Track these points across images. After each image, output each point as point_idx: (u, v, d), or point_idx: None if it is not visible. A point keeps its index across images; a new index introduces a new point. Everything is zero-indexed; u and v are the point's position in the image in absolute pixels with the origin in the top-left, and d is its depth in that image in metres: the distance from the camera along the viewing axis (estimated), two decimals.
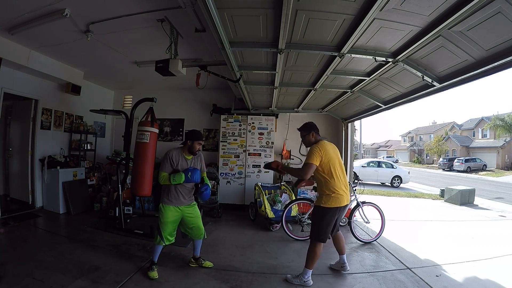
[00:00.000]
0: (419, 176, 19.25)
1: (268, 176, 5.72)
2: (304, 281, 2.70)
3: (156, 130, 4.03)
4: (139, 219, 4.66)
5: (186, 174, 2.70)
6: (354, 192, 4.24)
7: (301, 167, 2.68)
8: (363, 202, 4.13)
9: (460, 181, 15.36)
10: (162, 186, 2.85)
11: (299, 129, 2.95)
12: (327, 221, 2.68)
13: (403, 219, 5.95)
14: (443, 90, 2.96)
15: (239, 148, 5.80)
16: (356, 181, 4.75)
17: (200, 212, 4.48)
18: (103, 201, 5.23)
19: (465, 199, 8.00)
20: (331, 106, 5.06)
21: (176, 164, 2.77)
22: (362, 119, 7.64)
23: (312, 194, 5.08)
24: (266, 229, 4.49)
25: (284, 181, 5.53)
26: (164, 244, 2.80)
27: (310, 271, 2.72)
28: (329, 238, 2.80)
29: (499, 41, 2.02)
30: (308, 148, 2.78)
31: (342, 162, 2.82)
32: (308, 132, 2.86)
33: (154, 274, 2.75)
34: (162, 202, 2.83)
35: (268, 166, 2.87)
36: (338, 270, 3.04)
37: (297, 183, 2.98)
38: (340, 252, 3.04)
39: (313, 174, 2.73)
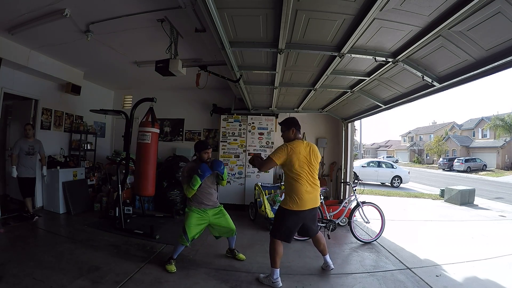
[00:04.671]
0: (419, 176, 19.25)
1: (268, 176, 5.72)
2: (273, 282, 2.63)
3: (157, 130, 4.05)
4: (139, 219, 4.67)
5: (196, 173, 2.83)
6: (354, 192, 4.25)
7: (261, 162, 2.74)
8: (363, 202, 4.13)
9: (460, 181, 15.36)
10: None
11: (279, 123, 2.89)
12: (287, 223, 2.64)
13: (403, 219, 5.95)
14: (443, 90, 2.96)
15: (239, 148, 5.80)
16: (356, 181, 4.75)
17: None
18: (103, 201, 5.22)
19: (465, 199, 8.00)
20: (331, 106, 5.06)
21: (192, 174, 2.93)
22: (362, 119, 7.65)
23: None
24: (266, 229, 4.48)
25: (284, 181, 5.53)
26: (187, 245, 2.93)
27: (277, 271, 2.66)
28: (300, 239, 2.82)
29: (499, 41, 2.02)
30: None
31: (316, 164, 2.73)
32: (288, 128, 2.76)
33: (172, 267, 2.88)
34: (188, 205, 3.03)
35: (249, 161, 2.90)
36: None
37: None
38: (322, 253, 3.02)
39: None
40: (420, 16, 1.94)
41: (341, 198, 5.54)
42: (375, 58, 2.63)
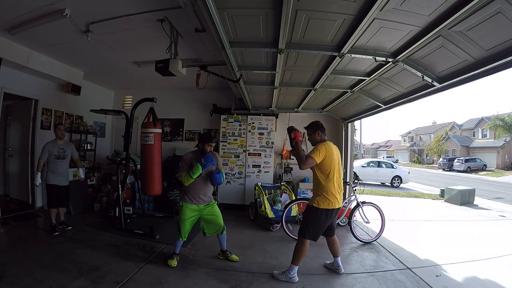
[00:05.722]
0: (419, 176, 19.25)
1: (268, 176, 5.72)
2: (290, 277, 2.74)
3: (160, 130, 4.08)
4: (139, 219, 4.67)
5: (200, 162, 2.89)
6: (354, 192, 4.24)
7: (304, 157, 2.69)
8: (363, 202, 4.13)
9: (460, 181, 15.36)
10: (183, 187, 3.05)
11: (305, 128, 2.99)
12: (318, 221, 2.73)
13: (403, 219, 5.96)
14: (443, 90, 2.96)
15: (239, 148, 5.80)
16: (356, 181, 4.75)
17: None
18: (103, 201, 5.23)
19: (465, 199, 8.00)
20: (331, 106, 5.06)
21: (193, 163, 2.97)
22: (362, 119, 7.64)
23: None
24: (266, 229, 4.49)
25: (284, 181, 5.53)
26: (183, 240, 3.04)
27: (296, 268, 2.77)
28: (322, 237, 2.89)
29: (499, 41, 2.02)
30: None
31: (342, 166, 2.85)
32: (314, 131, 2.89)
33: (173, 262, 2.99)
34: (182, 200, 3.05)
35: (291, 129, 2.82)
36: (333, 270, 3.06)
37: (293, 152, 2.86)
38: (335, 254, 3.05)
39: (311, 171, 2.78)
40: (420, 16, 1.94)
41: None
42: (375, 58, 2.63)
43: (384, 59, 2.61)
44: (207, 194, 3.10)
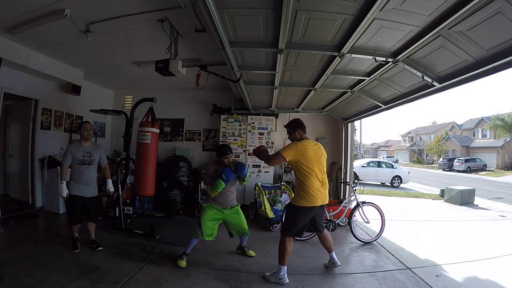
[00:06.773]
0: (419, 176, 19.25)
1: (268, 176, 5.72)
2: (280, 279, 2.71)
3: (157, 130, 4.05)
4: (139, 219, 4.67)
5: (221, 178, 2.91)
6: (354, 192, 4.25)
7: (269, 156, 2.79)
8: (363, 202, 4.13)
9: (460, 181, 15.36)
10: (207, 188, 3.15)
11: (285, 126, 2.98)
12: (297, 219, 2.75)
13: (403, 219, 5.96)
14: (443, 90, 2.97)
15: (239, 148, 5.81)
16: (356, 181, 4.75)
17: (200, 210, 4.52)
18: (103, 201, 5.21)
19: (465, 199, 8.01)
20: (331, 106, 5.06)
21: (217, 176, 3.00)
22: (362, 119, 7.65)
23: None
24: (266, 229, 4.49)
25: (284, 181, 5.53)
26: (201, 239, 3.03)
27: (284, 268, 2.74)
28: (300, 239, 2.95)
29: (499, 41, 2.02)
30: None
31: (324, 162, 2.84)
32: (294, 130, 2.87)
33: (182, 263, 3.00)
34: (205, 201, 3.17)
35: (254, 152, 2.96)
36: (337, 270, 3.05)
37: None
38: (328, 250, 3.07)
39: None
40: (420, 16, 1.94)
41: (341, 198, 5.53)
42: (375, 58, 2.63)
43: (384, 59, 2.61)
44: (230, 199, 3.15)
